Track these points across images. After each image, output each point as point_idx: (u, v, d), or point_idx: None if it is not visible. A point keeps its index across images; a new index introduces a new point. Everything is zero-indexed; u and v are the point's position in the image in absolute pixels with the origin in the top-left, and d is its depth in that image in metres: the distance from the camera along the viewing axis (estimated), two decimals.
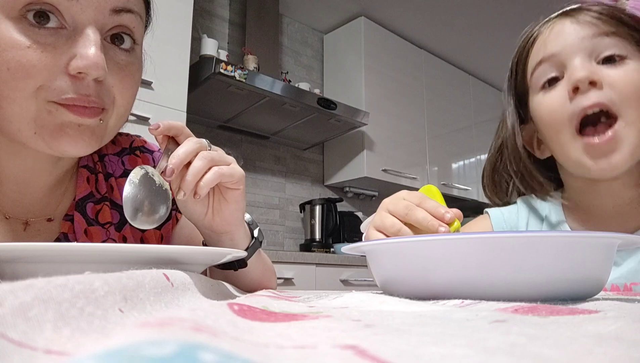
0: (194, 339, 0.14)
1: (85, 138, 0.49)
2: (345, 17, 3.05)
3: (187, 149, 0.47)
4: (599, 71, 0.59)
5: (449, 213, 0.49)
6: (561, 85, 0.62)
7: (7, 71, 0.45)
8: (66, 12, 0.46)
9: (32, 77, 0.45)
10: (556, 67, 0.62)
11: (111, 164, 0.64)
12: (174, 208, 0.67)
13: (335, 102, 2.51)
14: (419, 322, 0.23)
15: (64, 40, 0.46)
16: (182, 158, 0.47)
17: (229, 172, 0.49)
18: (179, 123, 0.50)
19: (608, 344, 0.16)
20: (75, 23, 0.46)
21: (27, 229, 0.55)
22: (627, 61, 0.59)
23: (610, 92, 0.58)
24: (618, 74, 0.58)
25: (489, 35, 3.22)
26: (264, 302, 0.32)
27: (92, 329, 0.18)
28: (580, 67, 0.59)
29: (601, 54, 0.60)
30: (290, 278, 2.01)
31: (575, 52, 0.60)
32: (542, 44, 0.64)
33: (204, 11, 2.58)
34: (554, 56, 0.62)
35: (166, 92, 1.84)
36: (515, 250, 0.35)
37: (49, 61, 0.45)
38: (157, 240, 0.65)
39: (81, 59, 0.46)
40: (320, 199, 2.77)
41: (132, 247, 0.35)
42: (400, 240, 0.42)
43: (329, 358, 0.15)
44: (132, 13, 0.51)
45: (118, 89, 0.51)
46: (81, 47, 0.46)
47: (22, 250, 0.32)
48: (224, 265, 0.54)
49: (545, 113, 0.64)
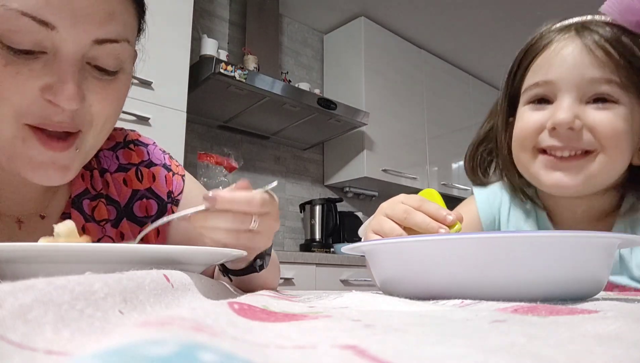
0: (194, 339, 0.14)
1: (59, 172, 0.48)
2: (345, 17, 3.05)
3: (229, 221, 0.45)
4: (583, 115, 0.59)
5: (451, 216, 0.49)
6: (546, 112, 0.63)
7: None
8: (47, 40, 0.44)
9: (6, 98, 0.44)
10: (549, 93, 0.63)
11: (106, 160, 0.64)
12: (169, 201, 0.66)
13: (335, 102, 2.51)
14: (419, 322, 0.23)
15: (42, 65, 0.45)
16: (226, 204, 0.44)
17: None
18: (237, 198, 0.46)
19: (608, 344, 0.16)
20: (55, 50, 0.45)
21: (21, 227, 0.55)
22: (618, 106, 0.59)
23: (588, 136, 0.59)
24: (602, 118, 0.59)
25: (489, 35, 3.22)
26: (264, 302, 0.32)
27: (92, 330, 0.18)
28: (566, 108, 0.59)
29: (594, 94, 0.60)
30: (290, 278, 2.01)
31: (568, 89, 0.60)
32: (546, 62, 0.64)
33: (204, 11, 2.58)
34: (550, 83, 0.62)
35: (166, 92, 1.84)
36: (515, 250, 0.35)
37: (23, 83, 0.44)
38: (154, 234, 0.65)
39: (57, 94, 0.45)
40: (320, 199, 2.77)
41: (133, 247, 0.35)
42: (400, 240, 0.42)
43: (329, 358, 0.15)
44: (116, 42, 0.49)
45: (97, 109, 0.50)
46: (57, 79, 0.45)
47: (23, 250, 0.32)
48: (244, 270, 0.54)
49: (520, 129, 0.66)
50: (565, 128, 0.59)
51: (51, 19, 0.43)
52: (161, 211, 0.65)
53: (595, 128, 0.59)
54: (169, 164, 0.68)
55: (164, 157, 0.69)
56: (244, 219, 0.45)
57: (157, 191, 0.65)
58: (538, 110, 0.64)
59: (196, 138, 2.49)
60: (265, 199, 0.46)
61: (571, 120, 0.58)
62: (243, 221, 0.45)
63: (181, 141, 1.88)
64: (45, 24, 0.43)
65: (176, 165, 0.70)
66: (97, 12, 0.46)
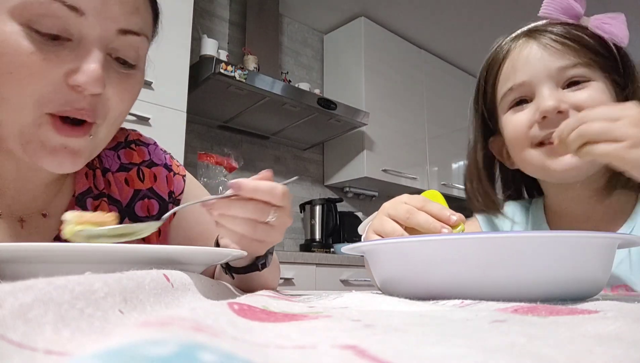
0: (194, 339, 0.14)
1: (71, 158, 0.49)
2: (345, 17, 3.05)
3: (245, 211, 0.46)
4: (565, 98, 0.62)
5: (455, 216, 0.49)
6: (529, 108, 0.65)
7: (9, 75, 0.45)
8: (73, 26, 0.46)
9: (32, 83, 0.45)
10: (525, 93, 0.66)
11: (107, 159, 0.64)
12: (170, 201, 0.67)
13: (335, 102, 2.51)
14: (418, 322, 0.23)
15: (67, 52, 0.47)
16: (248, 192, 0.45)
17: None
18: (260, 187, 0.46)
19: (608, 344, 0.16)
20: (80, 37, 0.47)
21: (24, 226, 0.55)
22: (591, 83, 0.63)
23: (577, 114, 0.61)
24: (583, 96, 0.62)
25: (489, 35, 3.20)
26: (264, 302, 0.32)
27: (92, 330, 0.18)
28: (548, 96, 0.62)
29: (567, 79, 0.63)
30: (290, 278, 2.01)
31: (542, 81, 0.64)
32: (512, 69, 0.67)
33: (204, 11, 2.58)
34: (523, 84, 0.65)
35: (166, 92, 1.84)
36: (515, 250, 0.35)
37: (49, 69, 0.46)
38: (155, 234, 0.65)
39: (82, 74, 0.46)
40: (320, 200, 2.77)
41: (133, 247, 0.35)
42: (400, 240, 0.42)
43: (329, 358, 0.15)
44: (138, 35, 0.51)
45: (114, 102, 0.51)
46: (83, 62, 0.47)
47: (23, 250, 0.32)
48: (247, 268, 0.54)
49: (511, 133, 0.68)
50: (554, 113, 0.61)
51: (81, 4, 0.46)
52: (162, 211, 0.65)
53: (582, 106, 0.61)
54: (170, 164, 0.69)
55: (165, 157, 0.69)
56: (264, 210, 0.46)
57: (159, 191, 0.66)
58: (521, 110, 0.66)
59: (196, 137, 2.49)
60: (286, 192, 0.47)
61: (557, 104, 0.61)
62: (263, 212, 0.46)
63: (181, 141, 1.88)
64: (75, 10, 0.45)
65: (177, 165, 0.70)
66: (126, 2, 0.49)
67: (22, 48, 0.45)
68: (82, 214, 0.41)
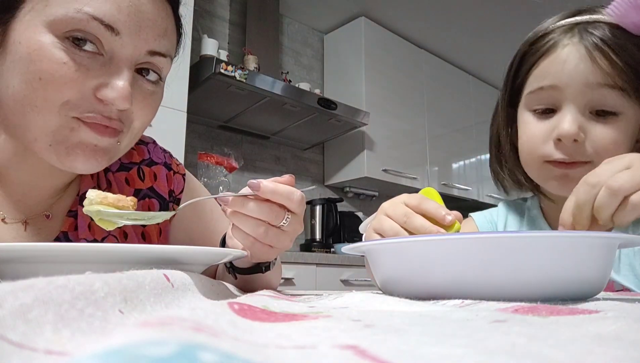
0: (194, 339, 0.14)
1: (98, 158, 0.51)
2: (346, 17, 3.04)
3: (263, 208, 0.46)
4: (587, 127, 0.61)
5: (450, 215, 0.49)
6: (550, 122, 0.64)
7: (39, 81, 0.47)
8: (107, 44, 0.48)
9: (61, 91, 0.47)
10: (553, 101, 0.64)
11: None
12: (171, 200, 0.67)
13: (335, 102, 2.51)
14: (418, 322, 0.23)
15: (98, 66, 0.49)
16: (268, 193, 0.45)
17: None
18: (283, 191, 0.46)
19: (608, 344, 0.16)
20: (112, 53, 0.49)
21: (27, 228, 0.55)
22: (619, 117, 0.61)
23: (591, 148, 0.61)
24: (604, 133, 0.61)
25: (489, 35, 3.22)
26: (264, 302, 0.32)
27: (93, 330, 0.18)
28: (570, 121, 0.61)
29: (597, 106, 0.61)
30: (291, 278, 2.01)
31: (573, 97, 0.61)
32: (551, 70, 0.63)
33: (204, 11, 2.58)
34: (555, 89, 0.63)
35: (166, 92, 1.82)
36: (515, 250, 0.35)
37: (80, 80, 0.47)
38: (157, 234, 0.65)
39: (112, 90, 0.48)
40: (320, 199, 2.77)
41: (133, 247, 0.35)
42: (400, 240, 0.42)
43: (329, 358, 0.15)
44: (164, 57, 0.54)
45: (138, 115, 0.54)
46: (114, 79, 0.49)
47: (23, 250, 0.32)
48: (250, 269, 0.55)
49: (526, 139, 0.67)
50: (571, 141, 0.60)
51: (118, 25, 0.48)
52: (163, 210, 0.65)
53: (597, 141, 0.61)
54: (169, 162, 0.69)
55: (165, 156, 0.69)
56: (278, 214, 0.46)
57: (159, 190, 0.66)
58: (543, 120, 0.65)
59: (196, 137, 2.49)
60: (303, 199, 0.47)
61: (576, 132, 0.60)
62: (277, 216, 0.46)
63: (181, 141, 1.88)
64: (112, 29, 0.48)
65: (177, 164, 0.70)
66: (157, 26, 0.52)
67: (56, 57, 0.46)
68: (105, 196, 0.43)
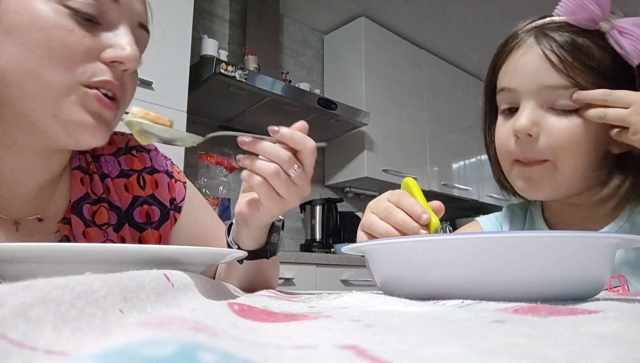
0: (194, 339, 0.14)
1: (103, 130, 0.51)
2: (346, 17, 3.04)
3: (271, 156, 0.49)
4: (542, 120, 0.61)
5: (426, 214, 0.49)
6: (511, 121, 0.64)
7: (46, 49, 0.47)
8: (106, 12, 0.50)
9: (71, 57, 0.47)
10: (515, 100, 0.64)
11: (107, 165, 0.64)
12: (172, 208, 0.67)
13: (335, 102, 2.51)
14: (418, 322, 0.23)
15: (100, 32, 0.50)
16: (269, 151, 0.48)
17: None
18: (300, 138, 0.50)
19: (608, 344, 0.16)
20: (111, 22, 0.51)
21: (19, 229, 0.55)
22: (579, 113, 0.60)
23: (546, 142, 0.61)
24: (560, 126, 0.60)
25: (489, 35, 3.21)
26: (264, 302, 0.32)
27: (93, 330, 0.18)
28: (524, 116, 0.61)
29: (555, 102, 0.61)
30: (291, 278, 2.01)
31: (529, 97, 0.62)
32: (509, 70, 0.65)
33: (204, 11, 2.58)
34: (513, 91, 0.64)
35: (166, 92, 1.84)
36: (516, 250, 0.35)
37: (87, 45, 0.48)
38: (156, 240, 0.65)
39: (121, 49, 0.50)
40: (320, 200, 2.77)
41: (133, 247, 0.35)
42: (400, 240, 0.42)
43: (329, 358, 0.15)
44: (147, 32, 0.56)
45: (129, 86, 0.54)
46: (119, 40, 0.50)
47: (23, 250, 0.32)
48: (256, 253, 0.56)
49: (496, 139, 0.68)
50: (524, 135, 0.61)
51: None
52: (164, 218, 0.66)
53: (553, 135, 0.60)
54: (171, 171, 0.69)
55: (166, 163, 0.69)
56: (290, 160, 0.48)
57: (160, 198, 0.66)
58: (508, 119, 0.66)
59: None
60: (315, 150, 0.50)
61: (528, 127, 0.60)
62: (289, 161, 0.48)
63: None
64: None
65: (178, 172, 0.70)
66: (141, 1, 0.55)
67: (63, 25, 0.47)
68: (147, 112, 0.48)
